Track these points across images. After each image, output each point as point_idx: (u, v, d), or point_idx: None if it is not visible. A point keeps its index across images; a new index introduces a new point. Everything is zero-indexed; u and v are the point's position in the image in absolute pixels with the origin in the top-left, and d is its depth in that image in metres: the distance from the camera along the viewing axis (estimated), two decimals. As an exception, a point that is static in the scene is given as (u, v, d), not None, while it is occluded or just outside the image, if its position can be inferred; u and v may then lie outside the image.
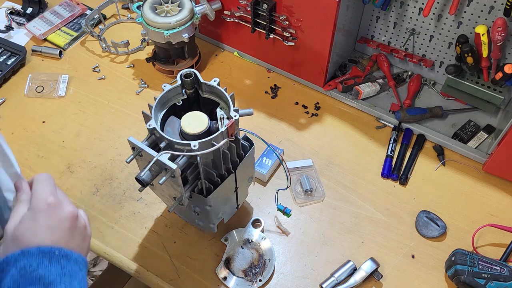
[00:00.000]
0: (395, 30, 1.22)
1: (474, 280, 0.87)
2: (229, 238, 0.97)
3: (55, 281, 0.52)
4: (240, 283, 0.91)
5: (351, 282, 0.91)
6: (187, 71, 0.79)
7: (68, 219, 0.59)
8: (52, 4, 1.45)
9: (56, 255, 0.54)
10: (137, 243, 0.98)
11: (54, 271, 0.53)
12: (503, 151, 1.00)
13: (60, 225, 0.58)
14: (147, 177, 0.72)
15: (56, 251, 0.55)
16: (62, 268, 0.54)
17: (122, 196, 1.04)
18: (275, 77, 1.29)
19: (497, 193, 1.06)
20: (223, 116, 0.78)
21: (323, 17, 1.06)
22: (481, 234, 0.99)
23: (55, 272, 0.53)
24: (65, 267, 0.54)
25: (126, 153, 1.11)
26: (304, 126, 1.18)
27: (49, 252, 0.54)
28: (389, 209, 1.03)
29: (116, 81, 1.27)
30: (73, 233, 0.59)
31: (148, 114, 0.76)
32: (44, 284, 0.52)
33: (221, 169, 0.81)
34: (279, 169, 1.09)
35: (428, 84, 1.24)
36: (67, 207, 0.59)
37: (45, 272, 0.52)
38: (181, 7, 1.16)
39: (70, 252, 0.56)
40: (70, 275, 0.54)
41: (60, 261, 0.54)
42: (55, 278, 0.53)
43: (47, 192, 0.59)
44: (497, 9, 1.02)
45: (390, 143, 1.12)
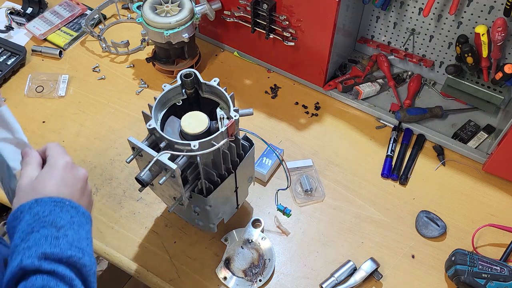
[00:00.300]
0: (395, 30, 1.22)
1: (474, 280, 0.87)
2: (229, 238, 0.97)
3: (65, 226, 0.57)
4: (240, 283, 0.91)
5: (351, 282, 0.91)
6: (187, 71, 0.79)
7: (81, 179, 0.64)
8: (52, 4, 1.45)
9: (66, 205, 0.59)
10: (137, 243, 0.98)
11: (64, 218, 0.58)
12: (503, 151, 1.00)
13: (74, 182, 0.63)
14: (147, 177, 0.72)
15: (67, 202, 0.59)
16: (71, 217, 0.59)
17: (122, 196, 1.04)
18: (275, 77, 1.29)
19: (497, 193, 1.06)
20: (223, 116, 0.78)
21: (323, 17, 1.06)
22: (481, 234, 0.99)
23: (65, 218, 0.58)
24: (74, 217, 0.59)
25: (126, 153, 1.11)
26: (304, 126, 1.18)
27: (60, 202, 0.59)
28: (389, 209, 1.03)
29: (116, 81, 1.27)
30: (83, 193, 0.64)
31: (148, 114, 0.76)
32: (56, 227, 0.56)
33: (221, 169, 0.81)
34: (279, 169, 1.09)
35: (428, 84, 1.24)
36: (81, 169, 0.65)
37: (56, 217, 0.57)
38: (181, 7, 1.16)
39: (79, 205, 0.61)
40: (78, 224, 0.59)
41: (69, 211, 0.59)
42: (66, 223, 0.58)
43: (63, 153, 0.64)
44: (497, 9, 1.02)
45: (390, 143, 1.12)
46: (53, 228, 0.56)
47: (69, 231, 0.57)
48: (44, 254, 0.54)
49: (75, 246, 0.57)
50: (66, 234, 0.57)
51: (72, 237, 0.57)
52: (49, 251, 0.54)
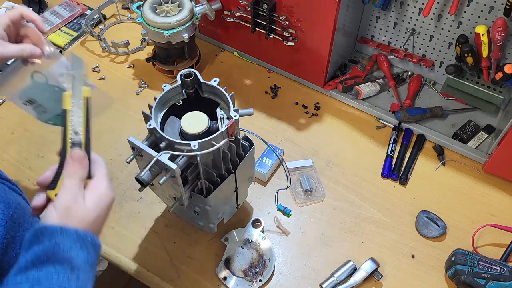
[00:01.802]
0: (395, 30, 1.22)
1: (474, 280, 0.87)
2: (229, 238, 0.97)
3: (80, 267, 0.56)
4: (240, 283, 0.91)
5: (351, 282, 0.91)
6: (187, 71, 0.79)
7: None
8: (52, 4, 1.45)
9: (88, 242, 0.57)
10: (137, 243, 0.98)
11: (82, 256, 0.56)
12: (503, 151, 1.00)
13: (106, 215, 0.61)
14: (147, 177, 0.72)
15: (89, 238, 0.58)
16: (88, 254, 0.57)
17: (122, 196, 1.04)
18: (275, 77, 1.29)
19: (497, 193, 1.06)
20: (223, 116, 0.78)
21: (323, 17, 1.06)
22: (481, 234, 0.99)
23: (82, 257, 0.56)
24: (91, 255, 0.58)
25: (126, 153, 1.11)
26: (304, 126, 1.18)
27: (84, 236, 0.57)
28: (389, 209, 1.03)
29: (116, 81, 1.27)
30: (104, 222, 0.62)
31: (148, 114, 0.76)
32: (71, 266, 0.55)
33: (221, 169, 0.81)
34: (279, 169, 1.09)
35: (428, 84, 1.24)
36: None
37: (75, 255, 0.56)
38: (181, 7, 1.16)
39: (98, 241, 0.60)
40: (91, 264, 0.58)
41: (88, 248, 0.57)
42: (81, 263, 0.56)
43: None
44: (497, 9, 1.02)
45: (390, 143, 1.12)
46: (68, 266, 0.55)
47: (81, 274, 0.56)
48: None
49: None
50: (78, 277, 0.56)
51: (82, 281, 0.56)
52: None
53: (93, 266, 0.58)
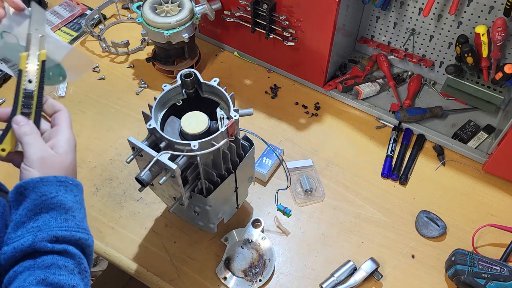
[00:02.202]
0: (395, 30, 1.22)
1: (474, 280, 0.87)
2: (229, 238, 0.97)
3: (73, 207, 0.60)
4: (240, 283, 0.91)
5: (351, 282, 0.91)
6: (187, 71, 0.79)
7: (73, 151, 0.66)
8: (52, 4, 1.45)
9: (70, 184, 0.61)
10: (137, 243, 0.98)
11: (70, 199, 0.60)
12: (503, 151, 1.00)
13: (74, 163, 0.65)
14: (147, 177, 0.72)
15: (70, 181, 0.61)
16: (75, 195, 0.61)
17: (122, 196, 1.04)
18: (275, 77, 1.29)
19: (497, 193, 1.06)
20: (223, 116, 0.78)
21: (323, 17, 1.06)
22: (481, 234, 0.99)
23: (71, 199, 0.60)
24: (77, 195, 0.62)
25: (126, 153, 1.11)
26: (304, 126, 1.18)
27: (65, 181, 0.61)
28: (389, 209, 1.03)
29: (116, 81, 1.27)
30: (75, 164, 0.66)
31: (148, 114, 0.76)
32: (64, 209, 0.59)
33: (221, 169, 0.81)
34: (279, 169, 1.09)
35: (428, 84, 1.24)
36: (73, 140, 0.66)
37: (63, 199, 0.59)
38: (181, 7, 1.16)
39: (79, 182, 0.63)
40: (80, 203, 0.62)
41: (73, 190, 0.61)
42: (72, 204, 0.60)
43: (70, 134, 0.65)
44: (497, 9, 1.02)
45: (390, 143, 1.12)
46: (62, 209, 0.59)
47: (76, 212, 0.60)
48: (56, 237, 0.57)
49: (82, 227, 0.60)
50: (74, 215, 0.60)
51: (78, 218, 0.60)
52: (60, 234, 0.57)
53: (82, 203, 0.63)
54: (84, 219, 0.62)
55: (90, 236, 0.61)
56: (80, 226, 0.60)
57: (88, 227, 0.62)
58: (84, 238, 0.60)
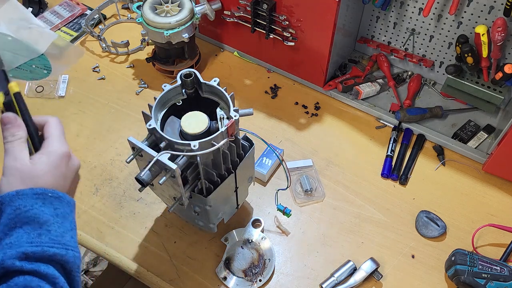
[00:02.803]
0: (395, 30, 1.22)
1: (474, 280, 0.87)
2: (229, 238, 0.97)
3: (49, 221, 0.55)
4: (240, 283, 0.91)
5: (351, 282, 0.91)
6: (187, 71, 0.79)
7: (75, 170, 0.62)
8: (52, 4, 1.45)
9: (49, 197, 0.57)
10: (137, 243, 0.98)
11: (47, 212, 0.56)
12: (503, 151, 1.00)
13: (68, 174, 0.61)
14: (147, 177, 0.72)
15: (49, 193, 0.57)
16: (55, 209, 0.57)
17: (122, 196, 1.04)
18: (275, 77, 1.29)
19: (497, 193, 1.06)
20: (223, 116, 0.78)
21: (323, 17, 1.06)
22: (481, 234, 0.99)
23: (48, 212, 0.56)
24: (58, 208, 0.57)
25: (126, 153, 1.11)
26: (304, 126, 1.18)
27: (42, 193, 0.56)
28: (389, 209, 1.03)
29: (116, 81, 1.27)
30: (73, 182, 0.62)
31: (148, 114, 0.77)
32: (39, 223, 0.55)
33: (221, 169, 0.81)
34: (279, 169, 1.09)
35: (428, 84, 1.24)
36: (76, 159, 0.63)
37: (39, 212, 0.55)
38: (181, 7, 1.16)
39: (63, 194, 0.59)
40: (62, 216, 0.57)
41: (53, 203, 0.57)
42: (49, 217, 0.56)
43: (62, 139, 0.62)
44: (497, 9, 1.02)
45: (390, 143, 1.12)
46: (36, 224, 0.55)
47: (52, 226, 0.56)
48: (25, 254, 0.52)
49: (58, 242, 0.55)
50: (49, 230, 0.55)
51: (55, 232, 0.55)
52: (30, 250, 0.53)
53: (65, 217, 0.58)
54: (65, 233, 0.57)
55: (70, 251, 0.56)
56: (56, 241, 0.55)
57: (70, 242, 0.57)
58: (60, 254, 0.55)
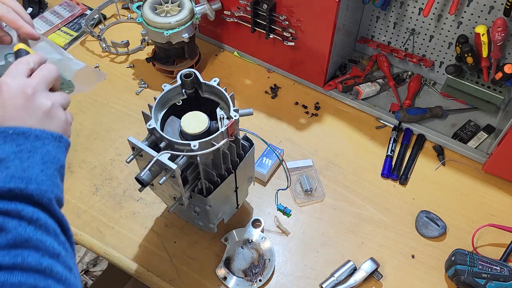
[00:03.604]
0: (395, 30, 1.22)
1: (474, 280, 0.87)
2: (229, 238, 0.97)
3: (8, 157, 0.53)
4: (240, 283, 0.91)
5: (351, 282, 0.91)
6: (187, 71, 0.79)
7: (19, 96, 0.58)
8: (52, 4, 1.45)
9: (10, 134, 0.54)
10: (137, 243, 0.98)
11: (7, 149, 0.54)
12: (503, 151, 1.00)
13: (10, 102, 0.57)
14: (147, 177, 0.72)
15: (10, 130, 0.55)
16: (18, 145, 0.54)
17: (122, 196, 1.04)
18: (275, 77, 1.29)
19: (497, 193, 1.06)
20: (223, 116, 0.78)
21: (323, 17, 1.06)
22: (481, 234, 0.99)
23: (8, 150, 0.54)
24: (22, 144, 0.54)
25: (126, 153, 1.11)
26: (304, 126, 1.18)
27: (3, 131, 0.54)
28: (389, 209, 1.03)
29: (116, 81, 1.27)
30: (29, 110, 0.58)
31: (148, 114, 0.77)
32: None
33: (221, 169, 0.81)
34: (279, 169, 1.09)
35: (428, 84, 1.24)
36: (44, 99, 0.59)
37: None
38: (181, 7, 1.16)
39: (27, 129, 0.56)
40: (28, 151, 0.54)
41: (15, 139, 0.54)
42: (8, 154, 0.53)
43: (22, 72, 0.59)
44: (497, 9, 1.02)
45: (390, 143, 1.12)
46: None
47: (12, 163, 0.53)
48: None
49: (18, 177, 0.52)
50: (7, 166, 0.53)
51: (15, 168, 0.53)
52: None
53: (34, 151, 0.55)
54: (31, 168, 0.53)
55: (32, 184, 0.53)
56: (14, 176, 0.52)
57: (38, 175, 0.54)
58: (19, 188, 0.51)
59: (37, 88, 0.59)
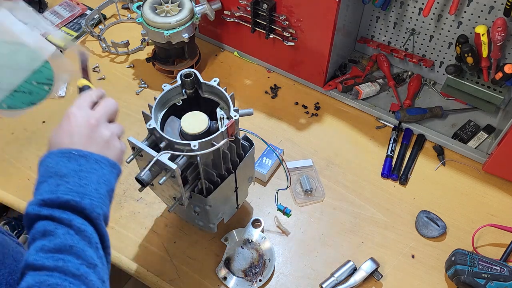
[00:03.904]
0: (395, 30, 1.22)
1: (474, 280, 0.87)
2: (229, 238, 0.97)
3: (69, 174, 0.60)
4: (240, 283, 0.91)
5: (351, 282, 0.91)
6: (187, 71, 0.79)
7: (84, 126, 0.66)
8: (52, 4, 1.45)
9: (74, 155, 0.62)
10: (137, 243, 0.98)
11: (70, 167, 0.61)
12: (503, 151, 1.00)
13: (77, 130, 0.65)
14: (147, 177, 0.72)
15: (74, 152, 0.62)
16: (79, 165, 0.61)
17: (122, 196, 1.04)
18: (275, 77, 1.29)
19: (497, 193, 1.06)
20: (223, 116, 0.78)
21: (323, 17, 1.06)
22: (481, 234, 0.99)
23: (71, 167, 0.61)
24: (82, 165, 0.62)
25: (126, 153, 1.11)
26: (304, 126, 1.18)
27: (68, 152, 0.62)
28: (389, 209, 1.03)
29: (116, 81, 1.27)
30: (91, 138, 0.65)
31: (148, 114, 0.77)
32: (59, 176, 0.60)
33: (221, 169, 0.81)
34: (279, 169, 1.09)
35: (428, 84, 1.24)
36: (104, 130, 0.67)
37: (62, 167, 0.61)
38: (181, 7, 1.16)
39: (89, 153, 0.63)
40: (87, 171, 0.61)
41: (78, 160, 0.62)
42: (70, 172, 0.60)
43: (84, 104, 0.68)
44: (497, 9, 1.02)
45: (390, 143, 1.12)
46: (57, 176, 0.60)
47: (72, 179, 0.60)
48: (44, 201, 0.57)
49: (75, 191, 0.59)
50: (67, 181, 0.59)
51: (74, 183, 0.59)
52: (47, 197, 0.57)
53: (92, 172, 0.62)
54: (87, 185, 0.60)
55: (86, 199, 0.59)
56: (72, 190, 0.59)
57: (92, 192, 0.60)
58: (74, 200, 0.58)
59: (100, 120, 0.67)
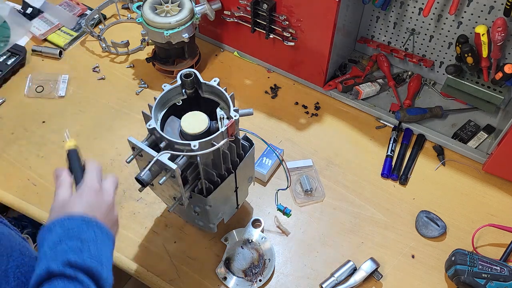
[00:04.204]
0: (395, 30, 1.22)
1: (474, 280, 0.87)
2: (229, 238, 0.97)
3: (89, 241, 0.64)
4: (240, 283, 0.91)
5: (351, 282, 0.91)
6: (187, 71, 0.79)
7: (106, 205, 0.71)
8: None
9: (93, 224, 0.66)
10: (137, 243, 0.98)
11: (89, 234, 0.65)
12: (503, 151, 1.00)
13: (99, 205, 0.70)
14: (147, 177, 0.72)
15: (94, 222, 0.67)
16: (95, 235, 0.66)
17: (122, 196, 1.04)
18: (275, 77, 1.29)
19: (497, 193, 1.06)
20: (223, 116, 0.78)
21: (323, 17, 1.06)
22: (481, 234, 0.99)
23: (90, 235, 0.65)
24: (98, 235, 0.66)
25: (126, 153, 1.11)
26: (304, 126, 1.18)
27: (89, 221, 0.66)
28: (389, 209, 1.03)
29: (116, 81, 1.27)
30: (107, 217, 0.70)
31: (148, 114, 0.77)
32: (81, 240, 0.64)
33: (221, 169, 0.81)
34: (279, 169, 1.09)
35: (428, 84, 1.24)
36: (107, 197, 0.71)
37: (82, 232, 0.65)
38: (181, 7, 1.16)
39: (104, 226, 0.68)
40: (101, 241, 0.66)
41: (94, 230, 0.66)
42: (89, 239, 0.65)
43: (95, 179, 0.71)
44: (497, 9, 1.02)
45: (390, 143, 1.12)
46: (78, 241, 0.63)
47: (92, 245, 0.64)
48: (69, 262, 0.61)
49: (96, 259, 0.63)
50: (89, 247, 0.64)
51: (94, 251, 0.64)
52: (73, 259, 0.61)
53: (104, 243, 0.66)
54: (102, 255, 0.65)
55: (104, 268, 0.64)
56: (94, 257, 0.63)
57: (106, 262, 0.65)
58: (97, 268, 0.62)
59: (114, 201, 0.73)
